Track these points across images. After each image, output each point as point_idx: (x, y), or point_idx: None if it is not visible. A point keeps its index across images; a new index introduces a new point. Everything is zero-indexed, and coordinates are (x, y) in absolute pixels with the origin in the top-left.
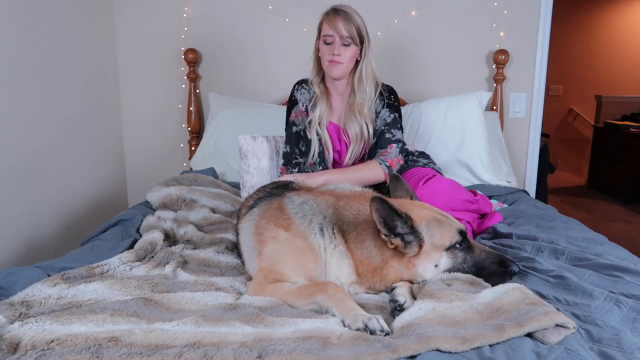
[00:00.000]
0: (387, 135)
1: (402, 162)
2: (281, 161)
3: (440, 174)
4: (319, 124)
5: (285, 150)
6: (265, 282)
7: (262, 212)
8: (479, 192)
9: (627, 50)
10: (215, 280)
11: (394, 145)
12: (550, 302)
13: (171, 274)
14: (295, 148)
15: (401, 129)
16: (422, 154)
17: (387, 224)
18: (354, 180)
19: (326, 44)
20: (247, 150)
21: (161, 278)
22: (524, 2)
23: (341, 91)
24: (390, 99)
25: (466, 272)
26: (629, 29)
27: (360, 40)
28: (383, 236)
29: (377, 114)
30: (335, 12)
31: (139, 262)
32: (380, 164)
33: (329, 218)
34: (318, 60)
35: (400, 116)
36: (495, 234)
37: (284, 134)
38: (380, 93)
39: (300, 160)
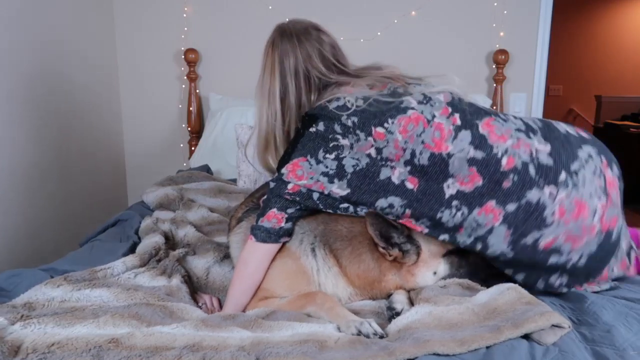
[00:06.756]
0: None
1: None
2: None
3: None
4: None
5: None
6: (255, 299)
7: (250, 225)
8: None
9: (627, 51)
10: None
11: None
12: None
13: (176, 289)
14: None
15: None
16: None
17: (384, 236)
18: None
19: None
20: (244, 140)
21: (166, 294)
22: (524, 2)
23: None
24: None
25: (462, 277)
26: (629, 29)
27: None
28: (381, 249)
29: None
30: None
31: (143, 267)
32: None
33: (319, 237)
34: None
35: None
36: None
37: None
38: None
39: None
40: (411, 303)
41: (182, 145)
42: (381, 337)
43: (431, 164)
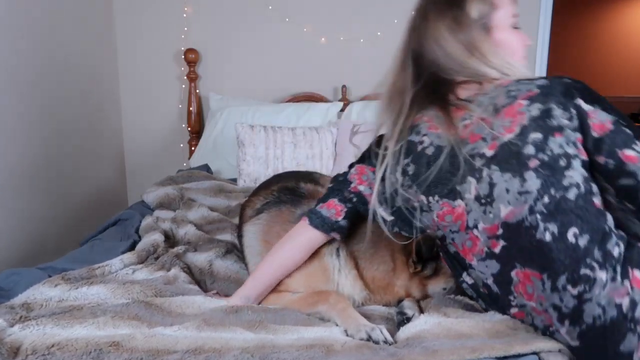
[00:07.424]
0: None
1: None
2: (278, 151)
3: None
4: None
5: None
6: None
7: (272, 218)
8: None
9: (627, 51)
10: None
11: None
12: None
13: (173, 278)
14: None
15: None
16: None
17: (418, 252)
18: None
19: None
20: (245, 139)
21: (164, 284)
22: (524, 2)
23: None
24: None
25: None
26: (629, 29)
27: None
28: (411, 262)
29: None
30: None
31: (141, 264)
32: None
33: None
34: None
35: None
36: None
37: (281, 126)
38: None
39: None
40: (421, 310)
41: (182, 145)
42: (390, 345)
43: (456, 257)
